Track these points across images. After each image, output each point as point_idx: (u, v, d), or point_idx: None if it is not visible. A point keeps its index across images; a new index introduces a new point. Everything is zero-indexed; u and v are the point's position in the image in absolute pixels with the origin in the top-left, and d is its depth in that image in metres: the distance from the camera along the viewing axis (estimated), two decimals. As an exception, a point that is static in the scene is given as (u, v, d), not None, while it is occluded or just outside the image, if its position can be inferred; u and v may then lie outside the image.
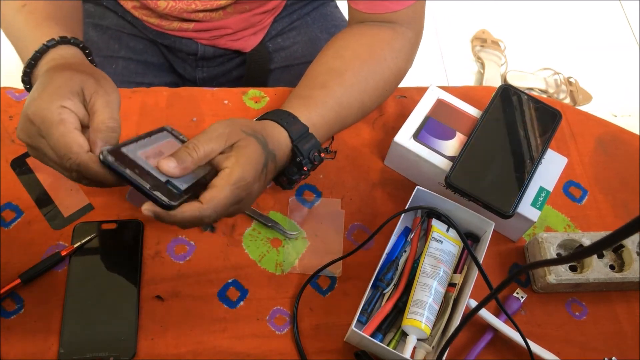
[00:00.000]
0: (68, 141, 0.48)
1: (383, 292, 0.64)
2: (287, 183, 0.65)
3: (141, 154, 0.50)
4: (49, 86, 0.50)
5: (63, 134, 0.48)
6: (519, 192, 0.66)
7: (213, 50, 0.88)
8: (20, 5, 0.60)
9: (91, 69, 0.55)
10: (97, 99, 0.51)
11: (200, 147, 0.51)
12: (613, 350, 0.65)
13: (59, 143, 0.48)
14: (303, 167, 0.61)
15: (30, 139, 0.50)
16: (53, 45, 0.56)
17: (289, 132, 0.59)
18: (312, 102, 0.63)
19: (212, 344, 0.61)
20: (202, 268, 0.65)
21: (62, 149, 0.48)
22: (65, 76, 0.51)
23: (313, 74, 0.67)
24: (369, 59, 0.67)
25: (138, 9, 0.83)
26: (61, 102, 0.49)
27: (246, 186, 0.52)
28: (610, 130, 0.81)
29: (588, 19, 1.99)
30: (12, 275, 0.62)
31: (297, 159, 0.61)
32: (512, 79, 1.80)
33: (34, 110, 0.49)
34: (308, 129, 0.61)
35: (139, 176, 0.48)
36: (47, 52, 0.55)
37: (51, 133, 0.48)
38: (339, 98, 0.64)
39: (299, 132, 0.60)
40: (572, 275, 0.65)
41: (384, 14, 0.69)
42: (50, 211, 0.67)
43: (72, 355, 0.59)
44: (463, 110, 0.73)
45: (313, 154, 0.61)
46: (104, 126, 0.50)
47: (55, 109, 0.48)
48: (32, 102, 0.49)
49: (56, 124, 0.48)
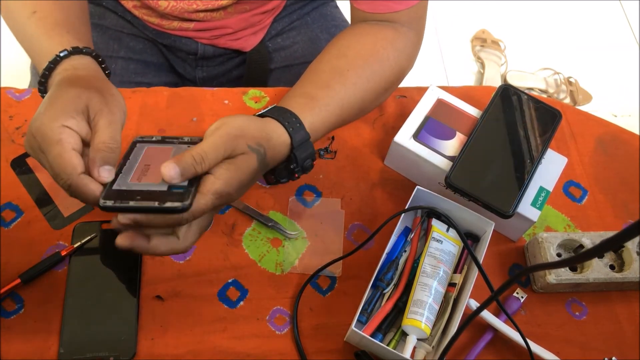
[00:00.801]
0: (63, 162, 0.48)
1: (383, 292, 0.64)
2: (273, 182, 0.63)
3: (132, 180, 0.51)
4: (55, 103, 0.51)
5: (59, 154, 0.48)
6: (519, 192, 0.66)
7: (213, 49, 0.88)
8: (31, 12, 0.60)
9: (100, 84, 0.55)
10: (101, 118, 0.51)
11: (207, 161, 0.50)
12: (613, 350, 0.65)
13: (54, 162, 0.49)
14: (294, 174, 0.61)
15: (33, 151, 0.52)
16: (66, 56, 0.56)
17: (292, 139, 0.58)
18: (316, 105, 0.62)
19: (212, 344, 0.61)
20: (202, 268, 0.65)
21: (56, 168, 0.49)
22: (72, 93, 0.52)
23: (316, 71, 0.66)
24: (372, 59, 0.67)
25: (138, 8, 0.83)
26: (63, 122, 0.49)
27: (227, 197, 0.52)
28: (610, 130, 0.81)
29: (588, 19, 1.99)
30: (12, 275, 0.62)
31: (291, 165, 0.60)
32: (512, 79, 1.81)
33: (37, 126, 0.50)
34: (309, 137, 0.60)
35: (144, 200, 0.48)
36: (60, 63, 0.56)
37: (49, 151, 0.49)
38: (341, 100, 0.64)
39: (301, 140, 0.59)
40: (572, 275, 0.65)
41: (386, 14, 0.69)
42: (50, 211, 0.67)
43: (72, 355, 0.59)
44: (463, 110, 0.73)
45: (307, 163, 0.61)
46: (104, 146, 0.50)
47: (56, 128, 0.49)
48: (37, 117, 0.50)
49: (54, 143, 0.49)
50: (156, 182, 0.50)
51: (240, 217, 0.69)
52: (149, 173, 0.51)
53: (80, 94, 0.52)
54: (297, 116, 0.59)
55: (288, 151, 0.59)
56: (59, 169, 0.49)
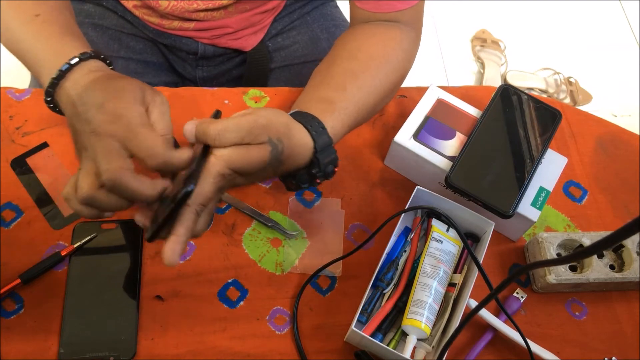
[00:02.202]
0: (155, 141, 0.48)
1: (383, 292, 0.64)
2: (294, 187, 0.62)
3: None
4: (124, 91, 0.50)
5: (149, 134, 0.49)
6: (519, 192, 0.66)
7: (213, 49, 0.88)
8: (33, 15, 0.58)
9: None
10: (154, 109, 0.51)
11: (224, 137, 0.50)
12: (613, 350, 0.65)
13: (144, 142, 0.48)
14: (316, 179, 0.60)
15: (97, 138, 0.50)
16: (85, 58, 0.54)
17: (315, 143, 0.57)
18: (335, 109, 0.61)
19: (212, 344, 0.61)
20: (202, 268, 0.65)
21: (147, 149, 0.48)
22: (134, 84, 0.51)
23: (330, 73, 0.65)
24: (383, 61, 0.67)
25: (139, 7, 0.83)
26: (140, 109, 0.50)
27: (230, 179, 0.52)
28: (610, 130, 0.81)
29: (588, 19, 1.99)
30: (12, 275, 0.62)
31: (313, 169, 0.59)
32: (512, 79, 1.81)
33: (118, 112, 0.49)
34: (332, 142, 0.59)
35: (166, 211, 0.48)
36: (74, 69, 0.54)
37: (137, 133, 0.48)
38: (358, 102, 0.63)
39: (324, 145, 0.58)
40: (572, 275, 0.65)
41: (388, 13, 0.69)
42: (50, 211, 0.67)
43: (72, 355, 0.59)
44: (463, 110, 0.73)
45: (330, 168, 0.59)
46: (163, 138, 0.50)
47: (139, 113, 0.49)
48: (109, 101, 0.49)
49: (141, 126, 0.49)
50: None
51: (240, 217, 0.69)
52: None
53: (140, 85, 0.52)
54: (320, 121, 0.58)
55: (310, 155, 0.57)
56: (152, 148, 0.48)
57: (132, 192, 0.48)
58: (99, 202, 0.49)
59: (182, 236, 0.49)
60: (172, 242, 0.49)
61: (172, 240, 0.49)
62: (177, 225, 0.49)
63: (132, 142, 0.48)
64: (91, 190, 0.48)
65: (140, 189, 0.48)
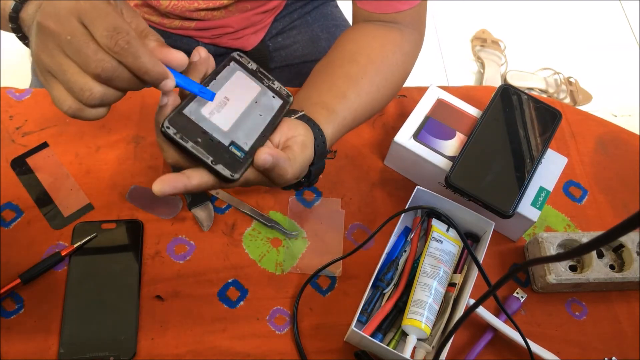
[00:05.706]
0: (120, 21, 0.43)
1: (383, 292, 0.64)
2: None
3: (205, 111, 0.46)
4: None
5: (115, 16, 0.43)
6: (519, 192, 0.66)
7: (214, 49, 0.88)
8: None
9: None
10: (123, 7, 0.47)
11: (288, 171, 0.51)
12: (613, 350, 0.65)
13: (110, 20, 0.42)
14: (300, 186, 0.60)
15: (58, 35, 0.43)
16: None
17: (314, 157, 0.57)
18: (335, 118, 0.61)
19: (212, 344, 0.61)
20: (202, 268, 0.65)
21: (112, 25, 0.42)
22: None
23: (331, 77, 0.65)
24: (383, 65, 0.67)
25: (140, 7, 0.83)
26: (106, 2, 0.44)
27: (277, 179, 0.52)
28: (610, 130, 0.81)
29: (588, 19, 1.99)
30: (12, 275, 0.62)
31: (302, 179, 0.58)
32: (512, 79, 1.81)
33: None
34: (326, 154, 0.59)
35: (202, 147, 0.44)
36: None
37: (102, 14, 0.42)
38: (355, 110, 0.63)
39: (319, 157, 0.58)
40: (572, 275, 0.65)
41: (390, 14, 0.69)
42: (50, 211, 0.67)
43: (72, 355, 0.59)
44: (463, 110, 0.73)
45: (316, 177, 0.60)
46: (148, 31, 0.47)
47: (104, 2, 0.43)
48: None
49: (106, 6, 0.43)
50: (225, 125, 0.47)
51: (240, 217, 0.69)
52: (224, 110, 0.47)
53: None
54: (323, 133, 0.58)
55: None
56: (117, 25, 0.42)
57: (138, 60, 0.44)
58: (115, 80, 0.43)
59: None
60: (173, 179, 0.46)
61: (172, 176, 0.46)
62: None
63: (96, 23, 0.42)
64: (95, 84, 0.43)
65: (146, 57, 0.45)
